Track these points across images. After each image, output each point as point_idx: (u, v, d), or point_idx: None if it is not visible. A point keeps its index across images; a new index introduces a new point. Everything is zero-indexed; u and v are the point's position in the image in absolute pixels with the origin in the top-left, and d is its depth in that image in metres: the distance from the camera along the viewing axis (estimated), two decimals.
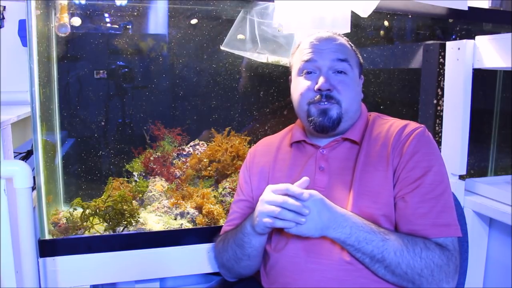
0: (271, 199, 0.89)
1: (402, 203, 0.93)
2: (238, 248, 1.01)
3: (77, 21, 1.39)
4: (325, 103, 1.00)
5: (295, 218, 0.86)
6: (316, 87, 1.00)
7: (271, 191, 0.91)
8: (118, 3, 1.49)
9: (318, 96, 1.00)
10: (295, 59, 1.08)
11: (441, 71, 1.55)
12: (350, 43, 1.08)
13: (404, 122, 1.03)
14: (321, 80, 0.99)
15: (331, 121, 1.00)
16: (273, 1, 1.35)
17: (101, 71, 1.53)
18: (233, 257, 1.04)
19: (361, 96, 1.08)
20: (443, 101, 1.55)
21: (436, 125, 1.57)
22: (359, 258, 0.90)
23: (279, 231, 0.98)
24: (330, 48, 1.02)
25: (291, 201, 0.87)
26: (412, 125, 1.01)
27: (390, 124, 1.03)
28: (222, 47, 1.51)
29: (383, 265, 0.88)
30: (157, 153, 1.52)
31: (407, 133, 0.98)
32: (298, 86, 1.05)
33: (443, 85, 1.54)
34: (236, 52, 1.52)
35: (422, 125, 1.00)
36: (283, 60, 1.57)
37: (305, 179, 0.91)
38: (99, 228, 1.23)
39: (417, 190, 0.92)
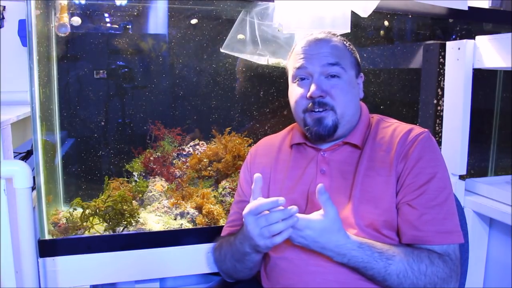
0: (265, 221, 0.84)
1: (407, 209, 0.92)
2: (238, 263, 1.01)
3: (77, 21, 1.39)
4: (320, 110, 0.99)
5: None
6: (308, 94, 0.99)
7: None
8: (118, 3, 1.49)
9: (311, 104, 0.99)
10: (289, 65, 1.07)
11: (441, 71, 1.55)
12: (346, 42, 1.06)
13: (408, 126, 1.01)
14: (312, 87, 0.98)
15: (326, 129, 0.99)
16: (273, 1, 1.35)
17: (101, 71, 1.53)
18: (233, 269, 1.04)
19: (359, 97, 1.06)
20: (443, 101, 1.55)
21: (436, 125, 1.57)
22: (360, 274, 0.90)
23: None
24: (320, 53, 1.00)
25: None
26: (417, 129, 0.99)
27: (394, 128, 1.02)
28: (222, 49, 1.51)
29: (383, 285, 0.89)
30: (157, 153, 1.52)
31: (412, 138, 0.96)
32: (293, 94, 1.04)
33: (443, 85, 1.54)
34: (236, 54, 1.52)
35: (426, 130, 0.99)
36: (283, 62, 1.57)
37: (278, 199, 0.84)
38: (99, 228, 1.23)
39: (422, 196, 0.91)
